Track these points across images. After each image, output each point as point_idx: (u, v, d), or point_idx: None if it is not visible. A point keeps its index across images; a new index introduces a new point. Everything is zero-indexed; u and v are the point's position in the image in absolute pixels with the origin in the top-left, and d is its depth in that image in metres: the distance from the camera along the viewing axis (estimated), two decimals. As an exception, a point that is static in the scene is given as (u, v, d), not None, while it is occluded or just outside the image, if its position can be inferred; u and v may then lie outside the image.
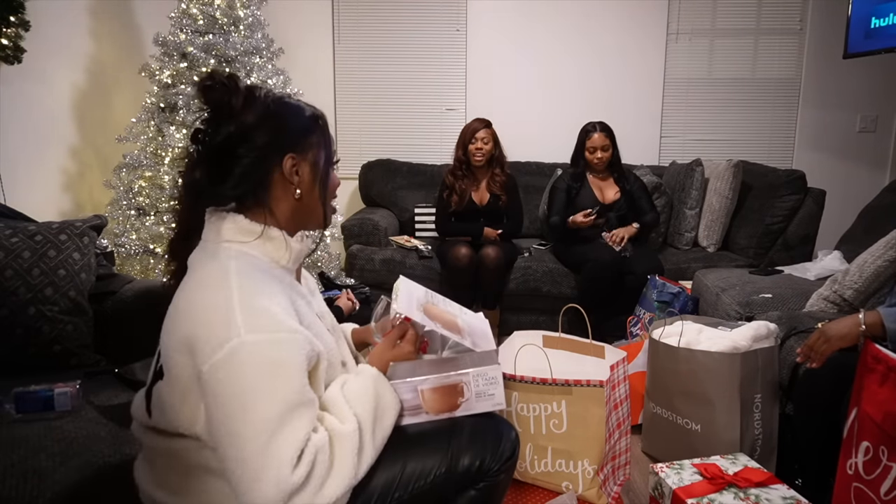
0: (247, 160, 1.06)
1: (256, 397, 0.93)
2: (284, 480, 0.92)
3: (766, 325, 1.99)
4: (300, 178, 1.10)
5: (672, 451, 2.00)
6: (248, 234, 1.07)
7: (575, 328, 2.61)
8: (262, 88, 1.12)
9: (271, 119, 1.08)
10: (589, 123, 3.21)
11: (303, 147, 1.10)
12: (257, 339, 0.94)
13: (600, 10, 3.92)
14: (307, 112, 1.14)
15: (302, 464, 0.94)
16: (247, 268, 1.02)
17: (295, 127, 1.11)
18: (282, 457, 0.92)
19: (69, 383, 1.50)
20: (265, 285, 1.02)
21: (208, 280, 1.01)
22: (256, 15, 3.00)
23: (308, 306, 1.13)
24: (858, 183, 3.90)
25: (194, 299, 1.00)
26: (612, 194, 3.21)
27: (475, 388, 1.22)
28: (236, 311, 0.95)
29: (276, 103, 1.10)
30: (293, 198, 1.11)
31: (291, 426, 0.94)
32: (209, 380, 0.95)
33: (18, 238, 1.73)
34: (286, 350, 0.97)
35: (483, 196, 3.31)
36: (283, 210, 1.11)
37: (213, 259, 1.04)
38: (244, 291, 0.98)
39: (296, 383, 0.96)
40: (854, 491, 1.36)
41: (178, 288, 1.06)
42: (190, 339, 0.97)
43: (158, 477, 1.08)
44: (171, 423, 1.04)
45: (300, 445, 0.94)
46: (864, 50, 3.16)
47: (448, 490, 1.17)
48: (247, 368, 0.93)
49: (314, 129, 1.13)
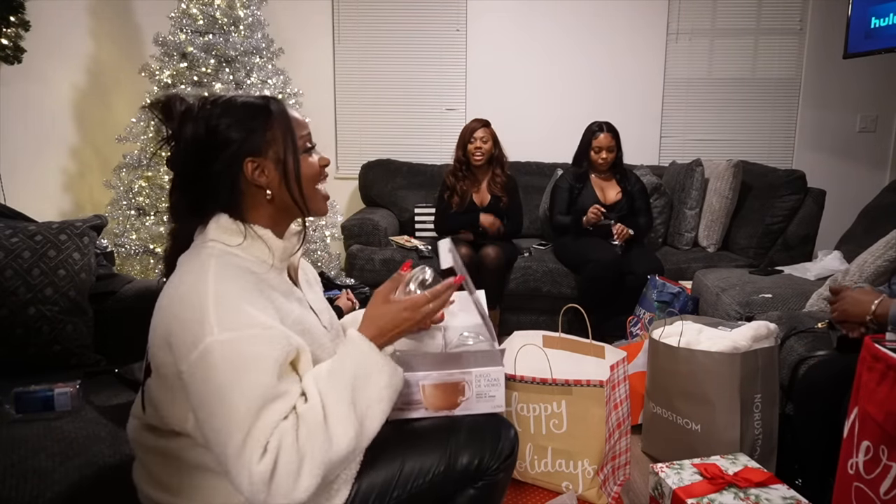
0: (212, 179, 1.06)
1: (232, 394, 0.94)
2: (254, 473, 0.92)
3: (766, 325, 1.99)
4: (267, 178, 1.08)
5: (672, 451, 2.00)
6: (233, 233, 1.07)
7: (575, 328, 2.61)
8: (207, 100, 1.09)
9: (215, 132, 1.06)
10: (595, 123, 3.22)
11: (259, 147, 1.07)
12: (230, 337, 0.95)
13: (600, 10, 3.92)
14: (256, 107, 1.09)
15: (267, 455, 0.93)
16: (226, 267, 1.03)
17: (243, 129, 1.07)
18: (252, 451, 0.93)
19: (69, 383, 1.50)
20: (241, 284, 1.01)
21: (187, 278, 1.02)
22: (256, 15, 3.00)
23: (295, 303, 1.12)
24: (858, 183, 3.90)
25: (173, 297, 1.01)
26: (613, 195, 3.22)
27: (476, 389, 1.22)
28: (210, 310, 0.96)
29: (221, 111, 1.07)
30: (266, 200, 1.09)
31: (263, 420, 0.94)
32: (189, 380, 0.96)
33: (18, 238, 1.73)
34: (259, 346, 0.96)
35: (484, 197, 3.30)
36: (261, 212, 1.10)
37: (196, 258, 1.05)
38: (220, 290, 0.98)
39: (269, 378, 0.96)
40: (854, 491, 1.36)
41: (165, 285, 1.07)
42: (168, 338, 0.99)
43: (156, 477, 1.08)
44: (163, 420, 1.05)
45: (266, 437, 0.94)
46: (864, 50, 3.16)
47: (447, 489, 1.16)
48: (221, 366, 0.94)
49: (266, 123, 1.08)
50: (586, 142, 3.22)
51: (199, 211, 1.09)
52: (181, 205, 1.10)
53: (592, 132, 3.20)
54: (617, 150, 3.19)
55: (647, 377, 2.17)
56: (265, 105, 1.10)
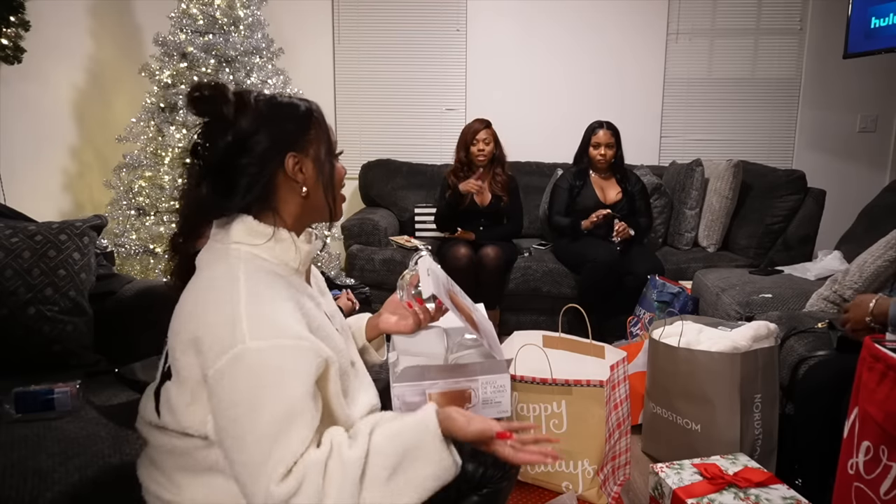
0: (250, 169, 1.05)
1: (259, 404, 0.92)
2: (271, 493, 0.90)
3: (766, 325, 1.99)
4: (304, 175, 1.09)
5: (672, 451, 2.00)
6: (259, 235, 1.06)
7: (575, 328, 2.61)
8: (252, 91, 1.10)
9: (266, 122, 1.06)
10: (596, 121, 3.23)
11: (302, 144, 1.09)
12: (260, 346, 0.93)
13: (600, 10, 3.92)
14: (301, 108, 1.12)
15: (290, 478, 0.91)
16: (256, 272, 1.02)
17: (291, 126, 1.09)
18: (275, 466, 0.91)
19: (69, 383, 1.50)
20: (273, 290, 1.01)
21: (216, 283, 1.01)
22: (256, 15, 3.00)
23: (317, 308, 1.12)
24: (858, 183, 3.90)
25: (202, 302, 1.00)
26: (613, 195, 3.22)
27: (482, 396, 1.23)
28: (242, 317, 0.94)
29: (267, 105, 1.08)
30: (300, 196, 1.09)
31: (289, 436, 0.92)
32: (214, 385, 0.95)
33: (18, 238, 1.73)
34: (289, 357, 0.95)
35: (485, 197, 3.31)
36: (290, 210, 1.10)
37: (223, 261, 1.03)
38: (251, 297, 0.97)
39: (298, 391, 0.95)
40: (854, 491, 1.36)
41: (186, 288, 1.05)
42: (196, 342, 0.97)
43: (164, 475, 1.08)
44: (180, 424, 1.03)
45: (293, 458, 0.92)
46: (864, 50, 3.16)
47: (450, 497, 1.16)
48: (250, 375, 0.93)
49: (310, 123, 1.11)
50: (586, 139, 3.23)
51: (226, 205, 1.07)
52: (210, 198, 1.06)
53: (592, 129, 3.21)
54: (617, 149, 3.19)
55: (647, 377, 2.17)
56: (308, 106, 1.13)
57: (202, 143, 1.07)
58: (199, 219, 1.10)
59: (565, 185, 3.26)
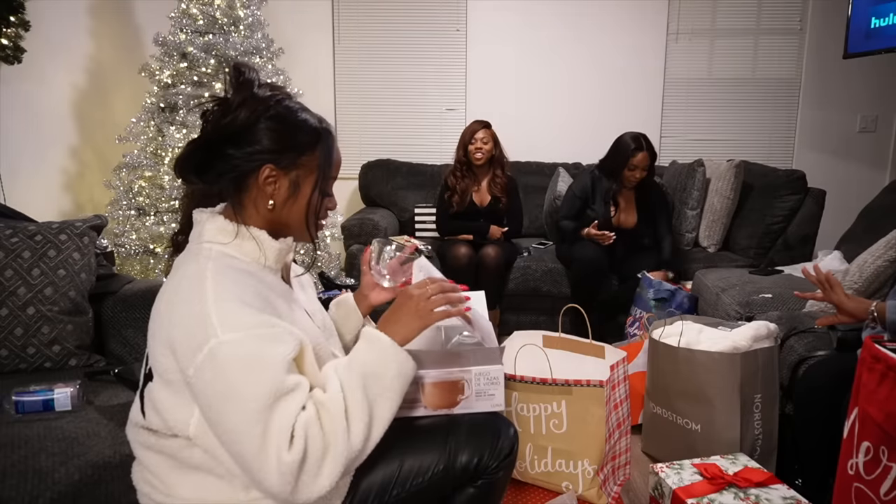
0: (232, 161, 1.06)
1: (244, 392, 0.94)
2: (284, 463, 0.93)
3: (766, 325, 1.99)
4: (275, 190, 1.08)
5: (672, 451, 2.00)
6: (227, 234, 1.07)
7: (575, 328, 2.61)
8: (277, 93, 1.10)
9: (272, 125, 1.06)
10: (632, 138, 2.95)
11: (287, 163, 1.08)
12: (234, 338, 0.95)
13: (600, 10, 3.92)
14: (309, 127, 1.10)
15: (295, 442, 0.94)
16: (225, 269, 1.03)
17: (287, 142, 1.07)
18: (278, 443, 0.94)
19: (69, 383, 1.50)
20: (240, 287, 1.01)
21: (185, 283, 1.02)
22: (256, 15, 3.00)
23: (291, 304, 1.12)
24: (858, 183, 3.90)
25: (174, 303, 1.01)
26: (630, 220, 3.12)
27: (476, 387, 1.22)
28: (211, 313, 0.96)
29: (279, 112, 1.08)
30: (266, 207, 1.09)
31: (280, 412, 0.95)
32: (196, 383, 0.96)
33: (18, 238, 1.73)
34: (265, 343, 0.97)
35: (484, 197, 3.31)
36: (259, 213, 1.10)
37: (193, 261, 1.05)
38: (218, 293, 0.98)
39: (280, 372, 0.96)
40: (854, 491, 1.36)
41: (161, 290, 1.06)
42: (171, 343, 0.99)
43: (155, 476, 1.08)
44: (165, 424, 1.04)
45: (290, 427, 0.95)
46: (864, 50, 3.16)
47: (446, 487, 1.17)
48: (229, 366, 0.94)
49: (309, 148, 1.09)
50: (623, 158, 2.94)
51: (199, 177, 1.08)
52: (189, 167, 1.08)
53: (631, 149, 2.91)
54: (649, 171, 3.00)
55: (647, 377, 2.17)
56: (316, 130, 1.11)
57: (212, 110, 1.09)
58: (189, 209, 1.13)
59: (581, 196, 3.12)
